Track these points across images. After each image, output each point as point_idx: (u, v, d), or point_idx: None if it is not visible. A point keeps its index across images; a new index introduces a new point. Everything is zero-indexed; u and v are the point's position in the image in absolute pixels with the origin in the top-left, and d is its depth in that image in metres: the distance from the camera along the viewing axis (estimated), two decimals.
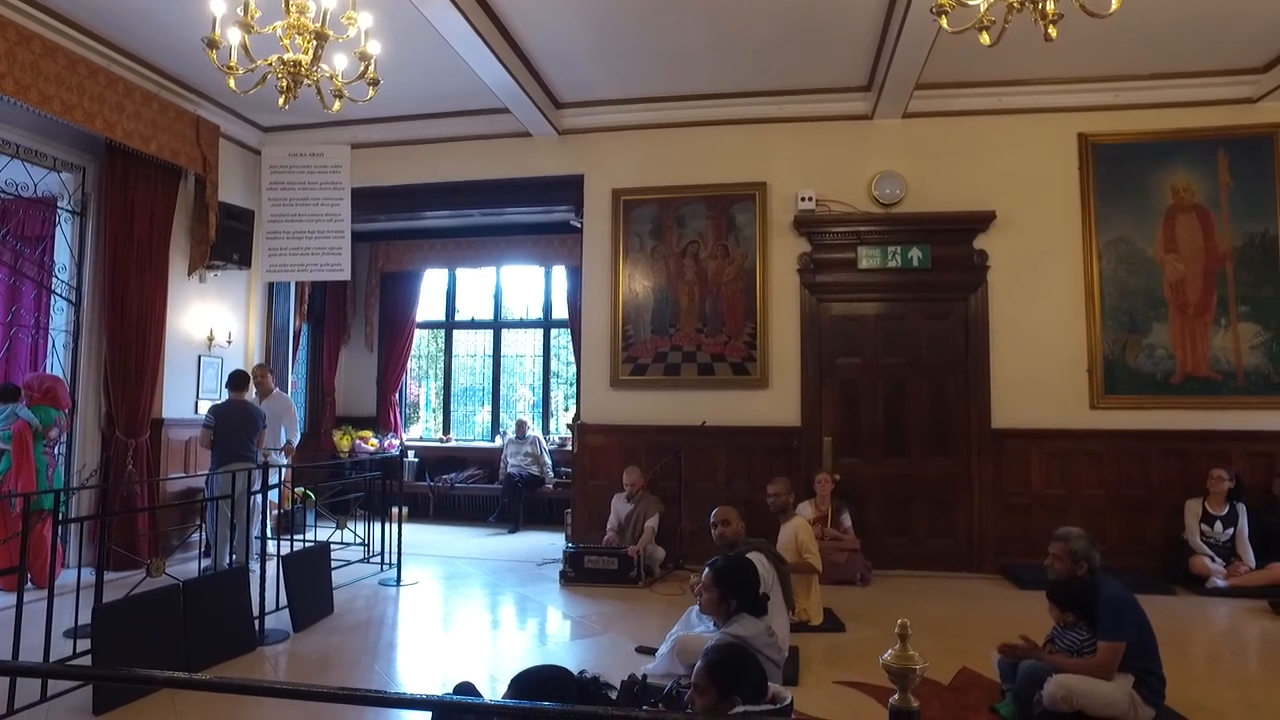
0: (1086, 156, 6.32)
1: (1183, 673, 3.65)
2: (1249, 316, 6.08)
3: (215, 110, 6.78)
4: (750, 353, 6.58)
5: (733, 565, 3.68)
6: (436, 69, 6.01)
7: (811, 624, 4.60)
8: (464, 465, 9.44)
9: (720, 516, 4.45)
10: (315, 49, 3.66)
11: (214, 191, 6.70)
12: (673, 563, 6.18)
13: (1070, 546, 3.44)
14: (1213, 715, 3.32)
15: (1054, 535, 3.55)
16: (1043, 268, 6.29)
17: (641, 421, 6.68)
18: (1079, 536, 3.49)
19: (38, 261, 6.34)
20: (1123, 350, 6.19)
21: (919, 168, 6.48)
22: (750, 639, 3.34)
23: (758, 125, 6.71)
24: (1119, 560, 5.70)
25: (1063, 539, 3.49)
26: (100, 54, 5.64)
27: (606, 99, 6.73)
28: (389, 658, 4.27)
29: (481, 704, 2.21)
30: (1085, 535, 3.50)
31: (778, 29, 5.50)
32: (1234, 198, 6.16)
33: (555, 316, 9.81)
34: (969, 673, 3.85)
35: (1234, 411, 6.02)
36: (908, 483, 6.38)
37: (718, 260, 6.71)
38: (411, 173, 7.36)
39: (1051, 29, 3.40)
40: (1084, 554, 3.43)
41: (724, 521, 4.42)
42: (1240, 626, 4.87)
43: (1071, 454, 6.18)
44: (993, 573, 6.11)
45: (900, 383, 6.46)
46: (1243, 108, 6.17)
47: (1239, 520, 5.69)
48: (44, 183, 6.09)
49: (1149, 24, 5.30)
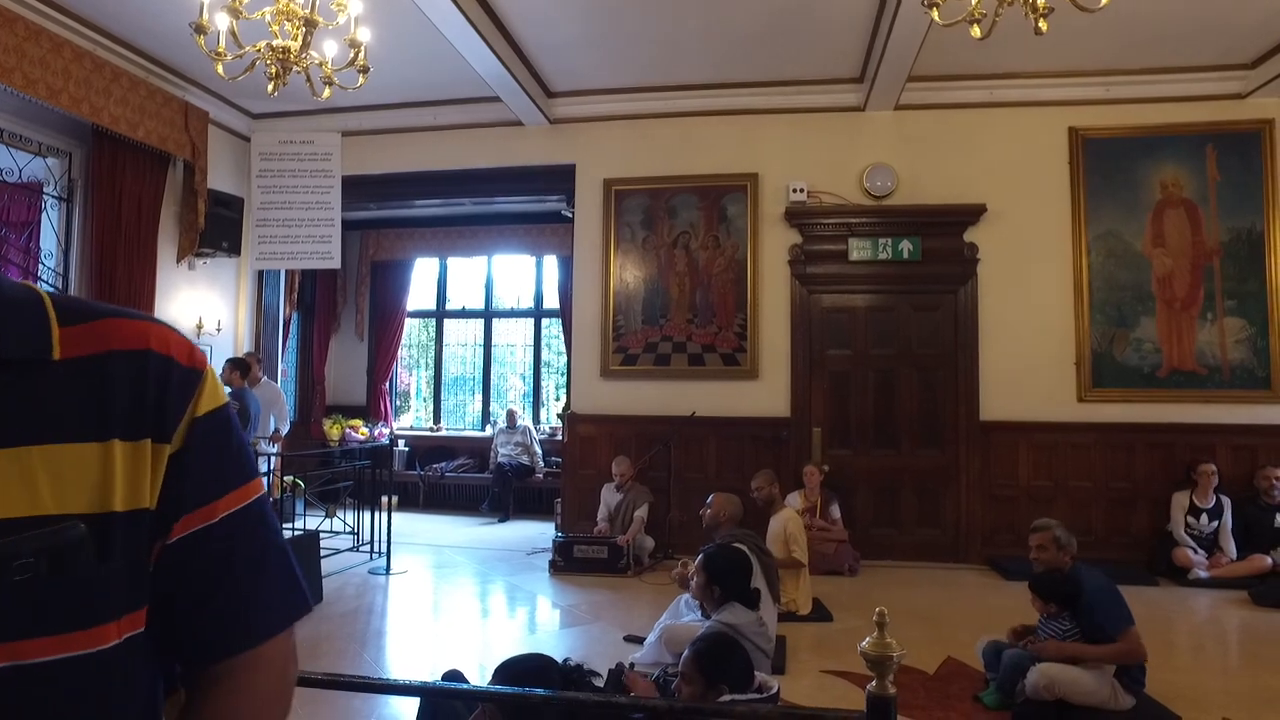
0: (1077, 150, 6.35)
1: (1163, 662, 3.71)
2: (1235, 311, 6.13)
3: (204, 96, 6.72)
4: (741, 344, 6.60)
5: (722, 553, 3.71)
6: (427, 57, 5.97)
7: (799, 614, 4.64)
8: (454, 454, 9.44)
9: (710, 499, 4.53)
10: (304, 35, 3.64)
11: (203, 178, 6.65)
12: (662, 552, 6.21)
13: (1054, 534, 3.50)
14: (1192, 703, 3.37)
15: (1032, 528, 3.61)
16: (1032, 261, 6.32)
17: (631, 412, 6.69)
18: (1058, 525, 3.55)
19: (23, 248, 6.28)
20: (1110, 344, 6.24)
21: (910, 160, 6.49)
22: (741, 627, 3.37)
23: (750, 116, 6.71)
24: (1104, 552, 5.76)
25: (1044, 528, 3.54)
26: (87, 38, 5.58)
27: (598, 88, 6.71)
28: (378, 645, 4.29)
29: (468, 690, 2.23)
30: (1061, 524, 3.57)
31: (770, 19, 5.49)
32: (1222, 193, 6.20)
33: (546, 306, 9.80)
34: (954, 662, 3.90)
35: (1219, 405, 6.08)
36: (896, 474, 6.42)
37: (709, 251, 6.71)
38: (402, 161, 7.32)
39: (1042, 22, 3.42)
40: (1066, 541, 3.49)
41: (707, 505, 4.49)
42: (1221, 617, 4.94)
43: (1058, 446, 6.23)
44: (979, 563, 6.16)
45: (890, 374, 6.49)
46: (1232, 103, 6.20)
47: (1224, 513, 5.75)
48: (29, 168, 6.03)
49: (1139, 18, 5.31)
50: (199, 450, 0.68)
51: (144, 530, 0.65)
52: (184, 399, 0.68)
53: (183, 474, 0.67)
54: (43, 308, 0.66)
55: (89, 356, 0.65)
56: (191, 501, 0.68)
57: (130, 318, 0.69)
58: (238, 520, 0.71)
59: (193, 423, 0.68)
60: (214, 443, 0.70)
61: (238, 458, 0.73)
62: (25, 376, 0.63)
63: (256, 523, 0.73)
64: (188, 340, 0.72)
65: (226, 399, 0.73)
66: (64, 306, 0.67)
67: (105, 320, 0.67)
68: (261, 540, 0.74)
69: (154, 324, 0.70)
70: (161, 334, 0.69)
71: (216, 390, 0.72)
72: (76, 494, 0.62)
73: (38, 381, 0.63)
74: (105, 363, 0.65)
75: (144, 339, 0.68)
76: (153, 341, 0.68)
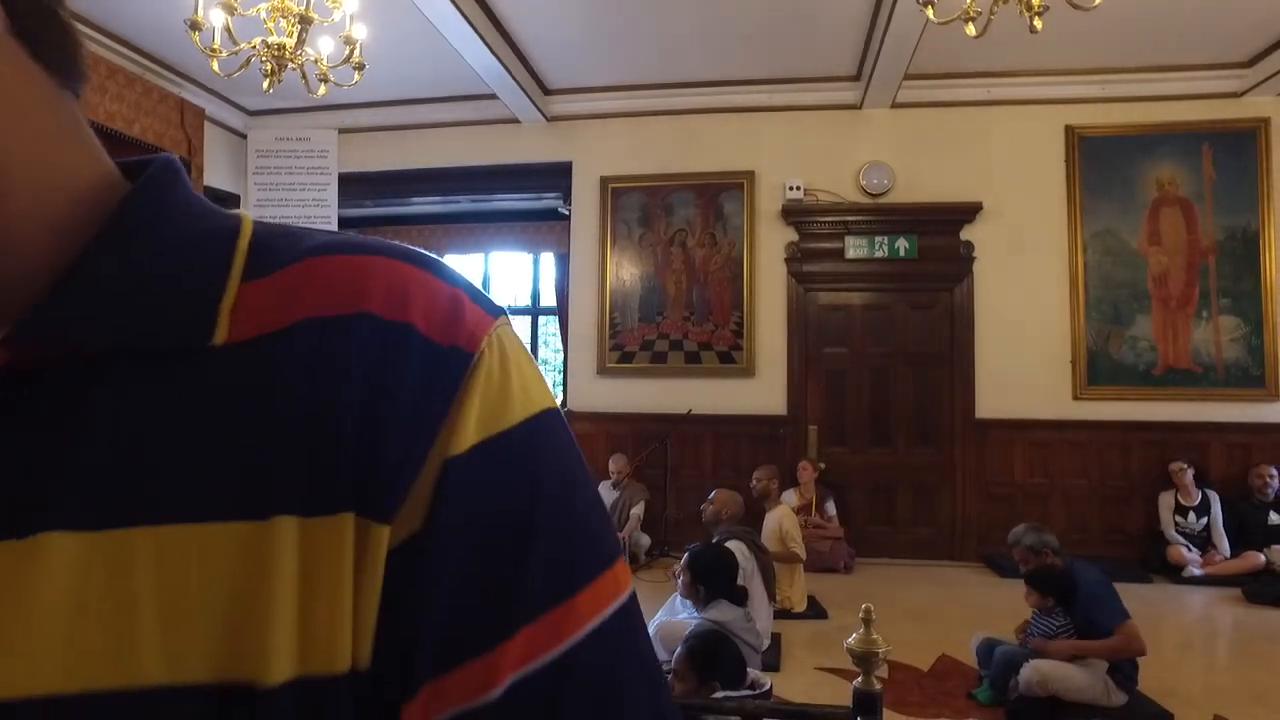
0: (1073, 149, 6.35)
1: (1156, 659, 3.71)
2: (1229, 310, 6.15)
3: (200, 93, 6.71)
4: (737, 341, 6.60)
5: (706, 553, 3.72)
6: (423, 54, 5.96)
7: (794, 611, 4.65)
8: None
9: (712, 496, 4.56)
10: (300, 32, 3.63)
11: (199, 175, 6.64)
12: (658, 550, 6.22)
13: (1023, 546, 3.55)
14: (1184, 700, 3.38)
15: (1008, 543, 3.67)
16: (1028, 259, 6.33)
17: (628, 409, 6.70)
18: (1023, 533, 3.59)
19: None
20: (1106, 342, 6.25)
21: (907, 158, 6.49)
22: (728, 624, 3.38)
23: (746, 114, 6.70)
24: (1098, 549, 5.78)
25: (1013, 544, 3.60)
26: (82, 34, 5.56)
27: (595, 86, 6.70)
28: None
29: None
30: (1027, 527, 3.62)
31: (767, 17, 5.48)
32: (1217, 191, 6.21)
33: (543, 304, 9.80)
34: (948, 659, 3.91)
35: (1213, 403, 6.09)
36: (892, 472, 6.43)
37: (705, 249, 6.71)
38: (399, 158, 7.32)
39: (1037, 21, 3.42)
40: (1039, 544, 3.52)
41: (709, 501, 4.52)
42: (1214, 614, 4.96)
43: (1054, 444, 6.24)
44: (974, 561, 6.18)
45: (886, 372, 6.50)
46: (1228, 101, 6.21)
47: (1212, 508, 5.77)
48: None
49: (1136, 17, 5.31)
50: (463, 532, 0.33)
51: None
52: (429, 416, 0.34)
53: (428, 586, 0.33)
54: (228, 250, 0.37)
55: (261, 339, 0.34)
56: (447, 650, 0.33)
57: (349, 251, 0.37)
58: (564, 672, 0.34)
59: (447, 470, 0.34)
60: (504, 509, 0.34)
61: (568, 535, 0.36)
62: (164, 381, 0.34)
63: (608, 674, 0.35)
64: (456, 290, 0.37)
65: (548, 404, 0.38)
66: (263, 245, 0.38)
67: (304, 263, 0.36)
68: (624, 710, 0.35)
69: (386, 260, 0.36)
70: (396, 278, 0.36)
71: (515, 391, 0.36)
72: (204, 636, 0.31)
73: (179, 391, 0.34)
74: (283, 349, 0.34)
75: (361, 292, 0.35)
76: (375, 297, 0.35)
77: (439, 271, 0.37)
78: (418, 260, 0.37)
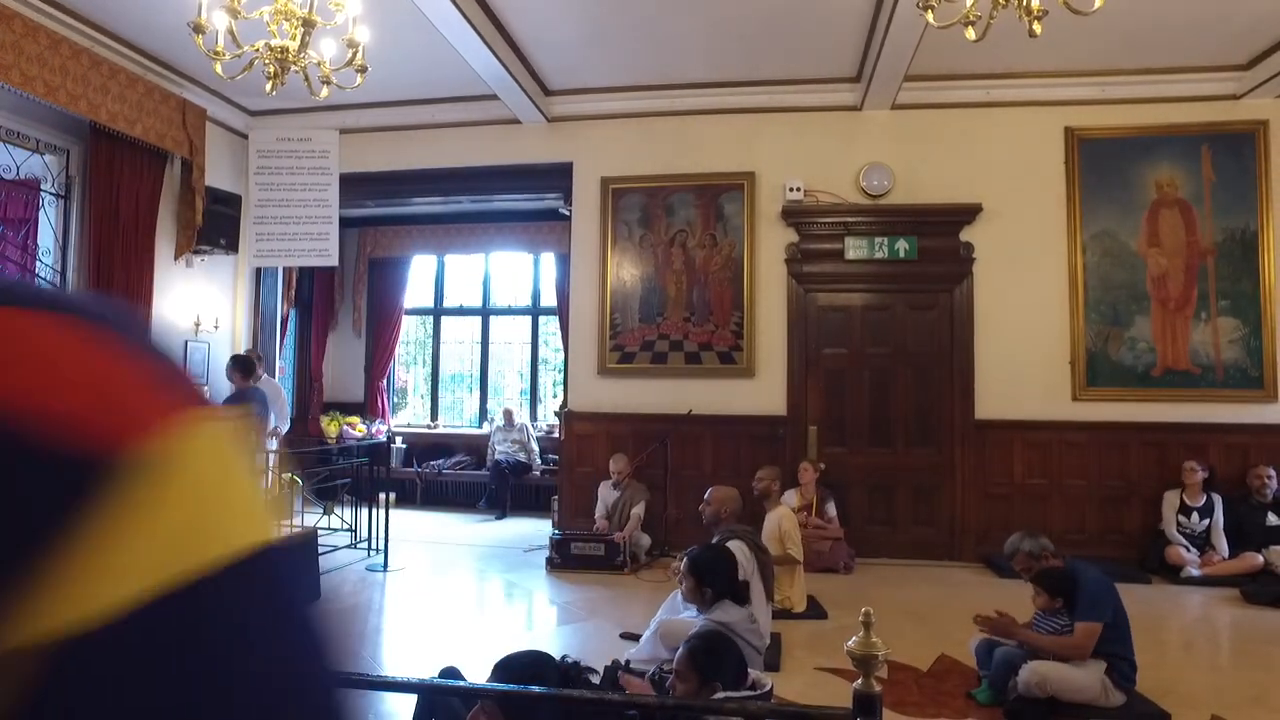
0: (1073, 150, 6.37)
1: (1155, 659, 3.74)
2: (1228, 311, 6.16)
3: (202, 94, 6.72)
4: (737, 342, 6.62)
5: (707, 553, 3.74)
6: (425, 55, 5.98)
7: (794, 611, 4.67)
8: (451, 451, 9.45)
9: (708, 495, 4.56)
10: (303, 35, 3.65)
11: (201, 176, 6.65)
12: (658, 549, 6.23)
13: (1024, 551, 3.56)
14: (1182, 700, 3.40)
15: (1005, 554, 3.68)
16: (1028, 260, 6.35)
17: (628, 409, 6.71)
18: (1020, 540, 3.60)
19: (21, 245, 6.29)
20: (1105, 343, 6.27)
21: (907, 159, 6.51)
22: (732, 625, 3.40)
23: (747, 115, 6.72)
24: (1097, 550, 5.80)
25: (1012, 553, 3.61)
26: (84, 35, 5.58)
27: (596, 87, 6.72)
28: (375, 642, 4.31)
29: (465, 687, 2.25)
30: (1022, 534, 3.64)
31: (767, 18, 5.50)
32: (1216, 193, 6.23)
33: (543, 304, 9.81)
34: (947, 659, 3.93)
35: (1212, 404, 6.11)
36: (891, 472, 6.44)
37: (706, 249, 6.73)
38: (400, 158, 7.33)
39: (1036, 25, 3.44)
40: (1038, 549, 3.54)
41: (707, 501, 4.52)
42: (1212, 614, 4.97)
43: (1053, 445, 6.26)
44: (974, 561, 6.20)
45: (885, 373, 6.51)
46: (1226, 104, 6.23)
47: (1215, 511, 5.79)
48: (27, 165, 6.03)
49: (1135, 20, 5.33)
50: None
51: None
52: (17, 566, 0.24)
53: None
54: None
55: None
56: None
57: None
58: None
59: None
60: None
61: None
62: None
63: None
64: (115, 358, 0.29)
65: (261, 544, 0.30)
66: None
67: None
68: None
69: (22, 317, 0.27)
70: (29, 356, 0.27)
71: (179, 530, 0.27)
72: None
73: None
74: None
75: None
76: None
77: (101, 324, 0.26)
78: (73, 311, 0.27)
